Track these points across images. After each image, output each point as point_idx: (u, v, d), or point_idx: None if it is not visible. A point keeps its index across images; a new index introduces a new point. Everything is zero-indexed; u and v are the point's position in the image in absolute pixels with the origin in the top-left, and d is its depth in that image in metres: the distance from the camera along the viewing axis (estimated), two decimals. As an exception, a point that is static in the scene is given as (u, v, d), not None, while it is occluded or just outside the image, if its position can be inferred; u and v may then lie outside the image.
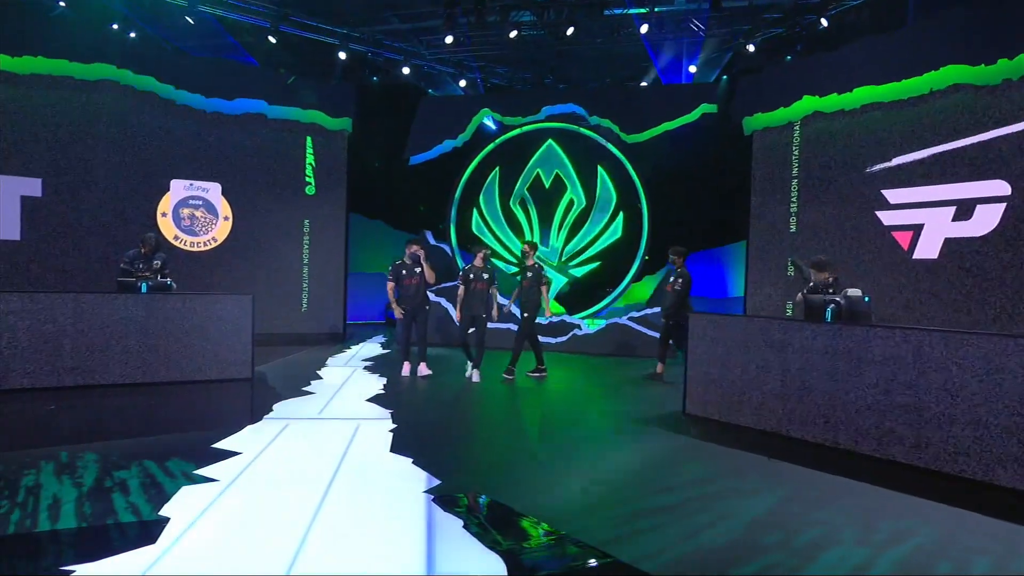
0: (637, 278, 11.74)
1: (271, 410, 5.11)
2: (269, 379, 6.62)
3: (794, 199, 8.11)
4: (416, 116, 12.07)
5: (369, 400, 5.67)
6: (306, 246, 10.21)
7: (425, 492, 3.33)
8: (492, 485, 3.56)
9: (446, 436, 4.56)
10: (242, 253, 9.67)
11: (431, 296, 7.34)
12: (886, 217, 7.10)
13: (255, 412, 5.00)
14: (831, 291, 4.96)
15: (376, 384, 6.52)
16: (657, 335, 9.71)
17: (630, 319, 10.07)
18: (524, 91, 12.91)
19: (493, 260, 12.23)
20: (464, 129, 12.00)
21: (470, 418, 5.23)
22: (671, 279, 7.31)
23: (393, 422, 4.85)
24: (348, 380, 6.72)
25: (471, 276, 6.83)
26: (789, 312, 8.21)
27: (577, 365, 8.47)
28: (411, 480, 3.51)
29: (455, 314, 7.24)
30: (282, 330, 9.88)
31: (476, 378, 6.81)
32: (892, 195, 7.06)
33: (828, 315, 4.66)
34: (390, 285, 6.89)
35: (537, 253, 7.24)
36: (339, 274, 10.54)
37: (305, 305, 10.25)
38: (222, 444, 4.07)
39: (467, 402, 5.95)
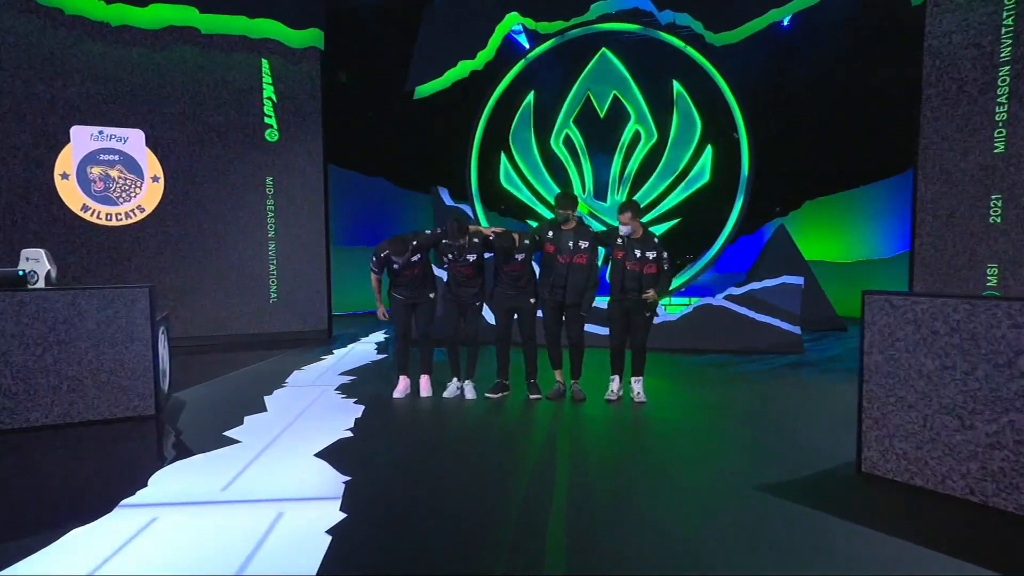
0: (733, 239, 9.77)
1: (145, 484, 3.50)
2: (184, 414, 5.06)
3: (1003, 100, 5.91)
4: (420, 30, 10.33)
5: (321, 454, 4.01)
6: (270, 213, 8.71)
7: None
8: None
9: (427, 538, 2.84)
10: (181, 226, 8.30)
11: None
12: None
13: (115, 490, 3.40)
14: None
15: (345, 417, 4.87)
16: (765, 319, 7.84)
17: (727, 298, 8.16)
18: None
19: (528, 223, 10.56)
20: (485, 44, 10.31)
21: (475, 488, 3.49)
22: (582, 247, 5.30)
23: (342, 508, 3.16)
24: (305, 411, 5.10)
25: (449, 256, 5.35)
26: (993, 281, 6.10)
27: (655, 370, 6.61)
28: None
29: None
30: (244, 330, 8.54)
31: (470, 394, 5.51)
32: None
33: None
34: (374, 278, 5.45)
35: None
36: (318, 250, 9.10)
37: (274, 295, 8.77)
38: (-9, 585, 2.46)
39: (472, 450, 4.21)
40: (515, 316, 5.45)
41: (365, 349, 8.34)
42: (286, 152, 8.78)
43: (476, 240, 5.31)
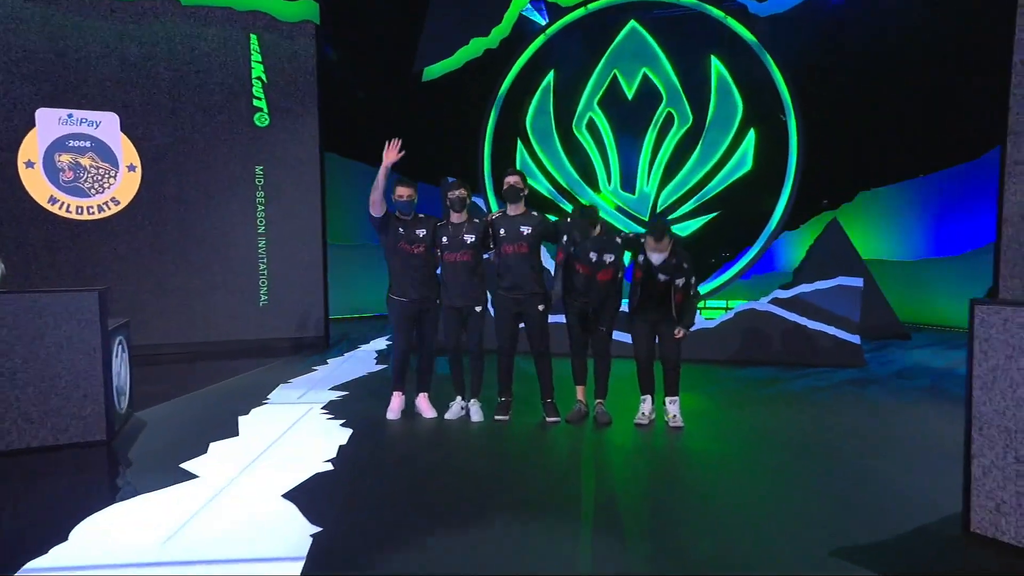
0: (777, 234, 9.12)
1: (65, 539, 2.95)
2: (141, 440, 4.54)
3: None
4: (428, 4, 9.87)
5: (291, 494, 3.43)
6: (260, 206, 8.25)
7: None
8: None
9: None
10: (160, 221, 7.86)
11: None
12: None
13: (24, 547, 2.85)
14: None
15: (328, 444, 4.31)
16: (819, 326, 7.19)
17: (774, 303, 7.53)
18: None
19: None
20: (500, 20, 9.83)
21: (476, 542, 2.90)
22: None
23: (304, 573, 2.59)
24: (282, 436, 4.54)
25: (444, 240, 4.75)
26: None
27: (692, 386, 5.98)
28: None
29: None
30: (230, 336, 8.13)
31: (477, 416, 4.89)
32: None
33: None
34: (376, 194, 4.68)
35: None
36: (314, 248, 8.67)
37: (264, 298, 8.30)
38: None
39: (476, 489, 3.59)
40: (521, 324, 4.86)
41: (363, 358, 7.82)
42: (277, 138, 8.29)
43: (476, 220, 4.76)
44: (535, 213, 4.75)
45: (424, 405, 5.03)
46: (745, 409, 5.36)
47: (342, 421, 4.92)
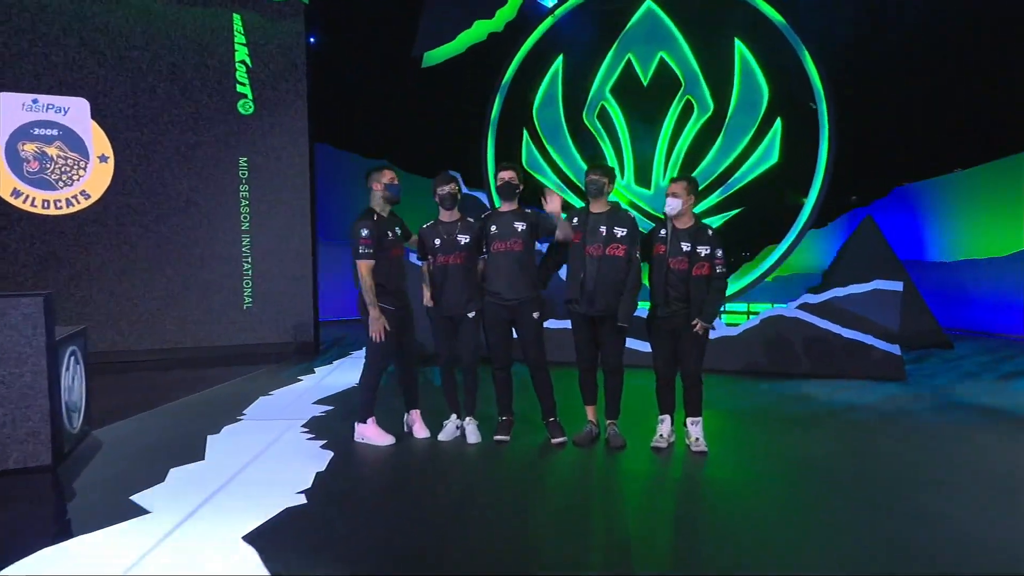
0: (806, 232, 8.70)
1: (-26, 595, 2.55)
2: (93, 465, 4.14)
3: None
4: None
5: (252, 536, 3.02)
6: (244, 201, 7.95)
7: None
8: None
9: None
10: (135, 216, 7.55)
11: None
12: None
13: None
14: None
15: (303, 470, 3.90)
16: (854, 335, 6.77)
17: (803, 308, 7.13)
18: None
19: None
20: (505, 1, 9.43)
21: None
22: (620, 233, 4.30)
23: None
24: (254, 460, 4.14)
25: (436, 242, 4.38)
26: None
27: (715, 402, 5.55)
28: None
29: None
30: (211, 342, 7.91)
31: (473, 437, 4.49)
32: None
33: None
34: (364, 268, 4.21)
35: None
36: (303, 246, 8.37)
37: (248, 300, 7.97)
38: None
39: (470, 527, 3.17)
40: (514, 333, 4.46)
41: (354, 366, 7.42)
42: (263, 127, 7.98)
43: (471, 219, 4.41)
44: (529, 211, 4.41)
45: (417, 423, 4.65)
46: (775, 429, 4.92)
47: (323, 442, 4.53)
